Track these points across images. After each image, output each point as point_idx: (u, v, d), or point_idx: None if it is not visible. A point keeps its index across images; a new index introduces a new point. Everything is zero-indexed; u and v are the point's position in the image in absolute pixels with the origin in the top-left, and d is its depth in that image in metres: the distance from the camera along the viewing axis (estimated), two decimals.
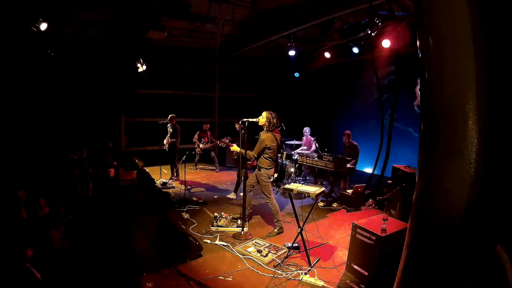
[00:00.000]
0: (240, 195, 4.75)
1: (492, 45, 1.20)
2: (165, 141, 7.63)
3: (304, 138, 7.90)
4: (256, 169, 4.47)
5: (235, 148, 4.62)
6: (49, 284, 2.48)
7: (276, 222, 4.47)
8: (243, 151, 4.37)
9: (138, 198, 5.97)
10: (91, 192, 5.14)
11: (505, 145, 1.22)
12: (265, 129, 4.35)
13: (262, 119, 4.31)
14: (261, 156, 4.35)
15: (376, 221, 3.32)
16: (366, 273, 3.13)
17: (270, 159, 4.36)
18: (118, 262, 3.46)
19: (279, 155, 7.56)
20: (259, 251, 3.77)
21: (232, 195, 6.30)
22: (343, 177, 6.16)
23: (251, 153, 4.39)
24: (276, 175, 6.74)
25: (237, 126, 6.30)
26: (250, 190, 4.67)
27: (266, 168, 4.35)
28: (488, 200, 1.24)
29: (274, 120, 4.32)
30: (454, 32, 1.25)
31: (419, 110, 1.42)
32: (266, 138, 4.28)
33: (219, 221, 4.59)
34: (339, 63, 9.41)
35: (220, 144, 4.79)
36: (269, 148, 4.30)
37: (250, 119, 4.35)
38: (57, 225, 3.44)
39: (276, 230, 4.44)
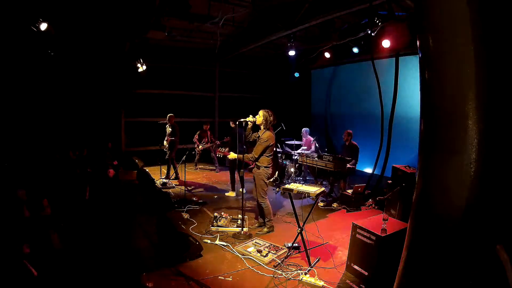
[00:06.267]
0: (240, 192, 4.75)
1: (492, 45, 1.20)
2: (165, 142, 7.62)
3: (303, 138, 7.90)
4: (255, 168, 4.41)
5: (232, 155, 4.59)
6: (50, 285, 2.48)
7: (267, 221, 4.46)
8: (241, 156, 4.35)
9: (138, 198, 5.97)
10: (89, 193, 5.14)
11: (505, 145, 1.22)
12: (262, 127, 4.32)
13: (259, 117, 4.28)
14: (262, 155, 4.32)
15: (376, 221, 3.32)
16: (366, 273, 3.13)
17: (270, 157, 4.35)
18: (118, 262, 3.45)
19: (279, 154, 7.57)
20: (259, 251, 3.76)
21: (231, 193, 6.32)
22: (343, 177, 6.16)
23: (250, 156, 4.33)
24: (276, 174, 6.76)
25: (232, 124, 6.32)
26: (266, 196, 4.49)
27: (265, 167, 4.32)
28: (488, 200, 1.24)
29: (271, 118, 4.29)
30: (454, 32, 1.25)
31: None
32: (267, 137, 4.24)
33: (219, 221, 4.59)
34: (339, 63, 9.41)
35: (218, 155, 4.84)
36: (270, 146, 4.29)
37: (247, 119, 4.34)
38: (57, 226, 3.44)
39: (265, 229, 4.43)
